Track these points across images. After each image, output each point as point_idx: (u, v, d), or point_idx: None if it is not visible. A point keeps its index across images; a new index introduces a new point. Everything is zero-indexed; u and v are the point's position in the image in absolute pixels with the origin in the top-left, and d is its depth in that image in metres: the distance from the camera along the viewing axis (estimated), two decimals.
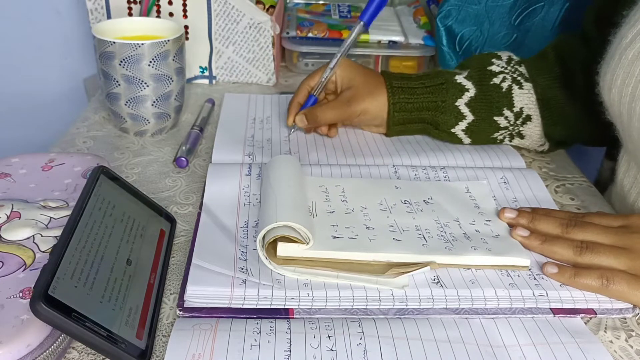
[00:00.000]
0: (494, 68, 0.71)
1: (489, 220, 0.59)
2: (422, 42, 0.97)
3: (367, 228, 0.55)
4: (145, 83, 0.70)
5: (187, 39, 0.88)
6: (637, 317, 0.50)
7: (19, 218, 0.50)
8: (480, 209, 0.61)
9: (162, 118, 0.75)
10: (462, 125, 0.72)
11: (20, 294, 0.42)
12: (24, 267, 0.45)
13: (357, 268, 0.51)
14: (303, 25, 0.99)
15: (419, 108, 0.72)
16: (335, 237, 0.54)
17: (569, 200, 0.66)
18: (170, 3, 0.86)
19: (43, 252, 0.47)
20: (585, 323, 0.49)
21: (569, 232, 0.54)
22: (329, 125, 0.75)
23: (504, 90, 0.70)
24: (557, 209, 0.62)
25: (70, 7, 1.10)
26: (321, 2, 1.13)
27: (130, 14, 0.87)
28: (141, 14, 0.85)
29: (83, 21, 1.10)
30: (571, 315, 0.49)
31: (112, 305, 0.43)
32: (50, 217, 0.51)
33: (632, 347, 0.47)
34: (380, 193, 0.61)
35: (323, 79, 0.73)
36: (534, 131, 0.72)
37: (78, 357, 0.44)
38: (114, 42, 0.68)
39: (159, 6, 0.86)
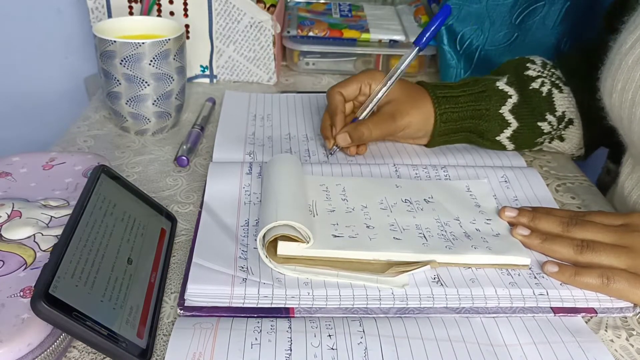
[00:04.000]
0: (531, 72, 0.70)
1: (490, 219, 0.59)
2: None
3: (368, 227, 0.55)
4: (146, 82, 0.70)
5: (187, 38, 0.88)
6: (637, 316, 0.50)
7: (20, 217, 0.50)
8: (481, 207, 0.61)
9: (162, 117, 0.75)
10: (507, 132, 0.70)
11: (21, 293, 0.42)
12: (24, 266, 0.45)
13: (357, 267, 0.51)
14: (304, 24, 0.98)
15: (463, 117, 0.69)
16: (336, 236, 0.54)
17: (570, 199, 0.66)
18: (171, 2, 0.86)
19: (44, 251, 0.47)
20: (586, 322, 0.49)
21: (570, 231, 0.54)
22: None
23: (544, 94, 0.69)
24: (558, 208, 0.62)
25: (71, 6, 1.10)
26: (322, 1, 1.12)
27: (131, 13, 0.87)
28: (142, 13, 0.85)
29: (84, 20, 1.10)
30: (572, 315, 0.49)
31: (113, 304, 0.43)
32: (51, 216, 0.51)
33: (632, 346, 0.47)
34: (380, 192, 0.61)
35: (372, 103, 0.68)
36: (575, 134, 0.71)
37: (79, 356, 0.44)
38: (115, 41, 0.68)
39: (159, 5, 0.86)
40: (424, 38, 0.67)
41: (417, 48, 0.68)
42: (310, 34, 0.97)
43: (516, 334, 0.47)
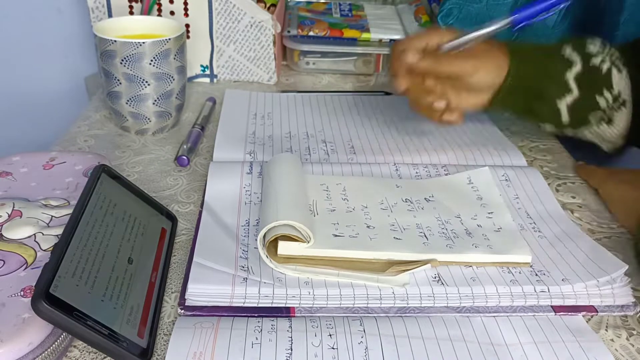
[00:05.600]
0: (592, 49, 0.68)
1: (491, 212, 0.59)
2: None
3: (368, 227, 0.55)
4: (147, 82, 0.70)
5: (188, 37, 0.88)
6: (638, 316, 0.50)
7: (20, 217, 0.50)
8: (483, 199, 0.61)
9: (163, 117, 0.75)
10: (568, 99, 0.68)
11: (22, 293, 0.42)
12: (25, 265, 0.45)
13: (358, 266, 0.51)
14: (304, 24, 0.98)
15: (534, 74, 0.68)
16: (336, 236, 0.54)
17: (570, 198, 0.66)
18: (171, 2, 0.86)
19: (44, 250, 0.47)
20: (587, 321, 0.49)
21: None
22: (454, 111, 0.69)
23: (603, 72, 0.67)
24: (559, 206, 0.62)
25: (71, 5, 1.10)
26: (322, 0, 1.12)
27: (131, 13, 0.87)
28: (142, 13, 0.85)
29: (84, 20, 1.10)
30: (572, 314, 0.49)
31: (114, 303, 0.43)
32: (52, 216, 0.51)
33: (633, 345, 0.47)
34: (381, 192, 0.61)
35: (461, 41, 0.67)
36: (623, 119, 0.69)
37: (79, 356, 0.44)
38: (115, 41, 0.68)
39: (160, 5, 0.86)
40: (524, 13, 0.66)
41: (511, 19, 0.67)
42: (311, 33, 0.97)
43: (517, 333, 0.47)
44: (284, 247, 0.52)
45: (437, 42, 0.68)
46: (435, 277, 0.51)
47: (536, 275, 0.52)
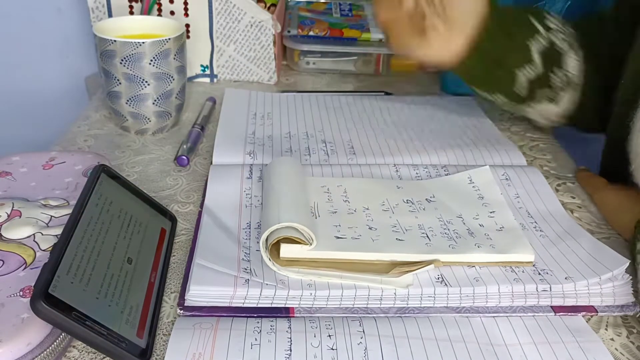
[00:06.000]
0: (552, 25, 0.68)
1: (493, 212, 0.59)
2: None
3: (370, 228, 0.55)
4: (146, 81, 0.70)
5: (188, 37, 0.88)
6: (638, 315, 0.50)
7: (20, 217, 0.50)
8: (485, 199, 0.61)
9: (163, 117, 0.75)
10: (530, 71, 0.67)
11: (21, 293, 0.42)
12: (24, 265, 0.45)
13: (360, 268, 0.51)
14: (304, 24, 0.98)
15: (507, 23, 0.67)
16: (338, 238, 0.54)
17: (570, 198, 0.66)
18: (171, 1, 0.86)
19: (43, 250, 0.47)
20: (587, 321, 0.49)
21: None
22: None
23: (561, 51, 0.68)
24: (560, 204, 0.62)
25: (71, 5, 1.10)
26: (322, 0, 1.12)
27: (131, 13, 0.87)
28: (142, 13, 0.85)
29: (84, 19, 1.10)
30: (572, 314, 0.49)
31: (113, 303, 0.43)
32: (51, 216, 0.51)
33: (633, 343, 0.47)
34: (382, 193, 0.61)
35: None
36: (569, 100, 0.70)
37: (79, 356, 0.44)
38: (115, 41, 0.68)
39: (160, 4, 0.86)
40: None
41: None
42: (311, 33, 0.97)
43: (516, 334, 0.47)
44: (286, 250, 0.51)
45: None
46: (438, 278, 0.51)
47: (539, 274, 0.52)
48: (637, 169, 0.57)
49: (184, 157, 0.69)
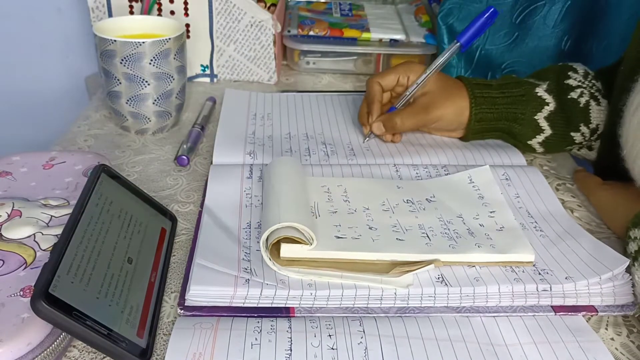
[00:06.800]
0: (571, 82, 0.70)
1: (493, 211, 0.59)
2: (423, 40, 0.97)
3: (370, 228, 0.55)
4: (146, 81, 0.70)
5: (188, 37, 0.88)
6: (638, 314, 0.50)
7: (20, 216, 0.50)
8: (485, 198, 0.61)
9: (163, 116, 0.74)
10: (540, 138, 0.71)
11: (21, 293, 0.42)
12: (24, 265, 0.45)
13: (360, 268, 0.51)
14: (304, 24, 0.98)
15: (498, 118, 0.71)
16: (339, 237, 0.54)
17: (570, 197, 0.66)
18: (171, 1, 0.86)
19: (44, 250, 0.47)
20: (587, 320, 0.49)
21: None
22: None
23: (581, 105, 0.69)
24: (560, 204, 0.62)
25: (72, 5, 1.10)
26: (322, 0, 1.12)
27: (131, 13, 0.87)
28: (142, 12, 0.85)
29: (84, 19, 1.10)
30: (572, 313, 0.49)
31: (113, 303, 0.43)
32: (51, 216, 0.51)
33: (633, 342, 0.47)
34: (382, 193, 0.61)
35: (408, 93, 0.72)
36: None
37: (79, 356, 0.44)
38: (115, 41, 0.68)
39: (160, 4, 0.86)
40: (466, 35, 0.70)
41: (458, 44, 0.70)
42: (311, 33, 0.97)
43: (516, 334, 0.47)
44: (286, 250, 0.51)
45: (406, 79, 0.73)
46: (438, 278, 0.51)
47: (539, 274, 0.52)
48: (629, 155, 0.57)
49: (184, 157, 0.69)
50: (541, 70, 0.75)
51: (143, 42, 0.68)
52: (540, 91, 0.70)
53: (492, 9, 0.68)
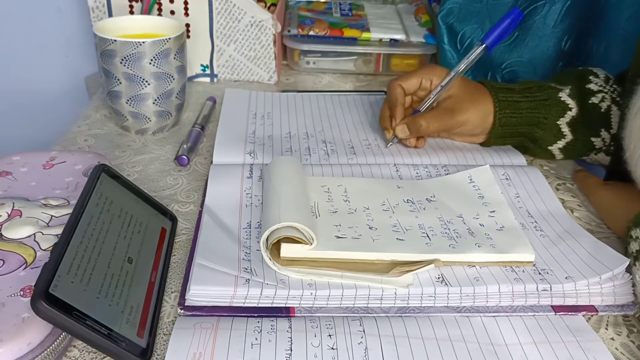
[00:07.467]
0: (592, 86, 0.70)
1: (494, 211, 0.59)
2: (423, 40, 0.97)
3: (370, 228, 0.55)
4: (147, 81, 0.70)
5: (188, 37, 0.88)
6: (638, 314, 0.50)
7: (20, 216, 0.50)
8: (485, 198, 0.61)
9: (163, 116, 0.75)
10: (560, 144, 0.71)
11: (21, 292, 0.42)
12: (24, 265, 0.45)
13: (361, 267, 0.51)
14: (304, 24, 0.98)
15: (522, 123, 0.70)
16: (339, 237, 0.54)
17: (570, 197, 0.66)
18: (171, 1, 0.86)
19: (44, 250, 0.47)
20: (587, 320, 0.49)
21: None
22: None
23: (602, 110, 0.69)
24: (560, 204, 0.62)
25: (72, 5, 1.10)
26: (322, 0, 1.12)
27: (131, 12, 0.87)
28: (142, 12, 0.85)
29: (84, 19, 1.10)
30: (572, 313, 0.49)
31: (113, 303, 0.43)
32: (51, 216, 0.51)
33: (633, 342, 0.47)
34: (382, 193, 0.61)
35: (432, 96, 0.70)
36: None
37: (79, 356, 0.44)
38: (115, 40, 0.68)
39: (160, 4, 0.86)
40: (492, 36, 0.68)
41: (484, 45, 0.69)
42: (311, 33, 0.97)
43: (517, 334, 0.47)
44: (286, 249, 0.51)
45: (429, 82, 0.72)
46: (438, 278, 0.51)
47: (539, 274, 0.52)
48: (631, 157, 0.57)
49: (184, 157, 0.69)
50: (560, 74, 0.74)
51: (143, 42, 0.68)
52: (564, 96, 0.70)
53: (517, 10, 0.68)
